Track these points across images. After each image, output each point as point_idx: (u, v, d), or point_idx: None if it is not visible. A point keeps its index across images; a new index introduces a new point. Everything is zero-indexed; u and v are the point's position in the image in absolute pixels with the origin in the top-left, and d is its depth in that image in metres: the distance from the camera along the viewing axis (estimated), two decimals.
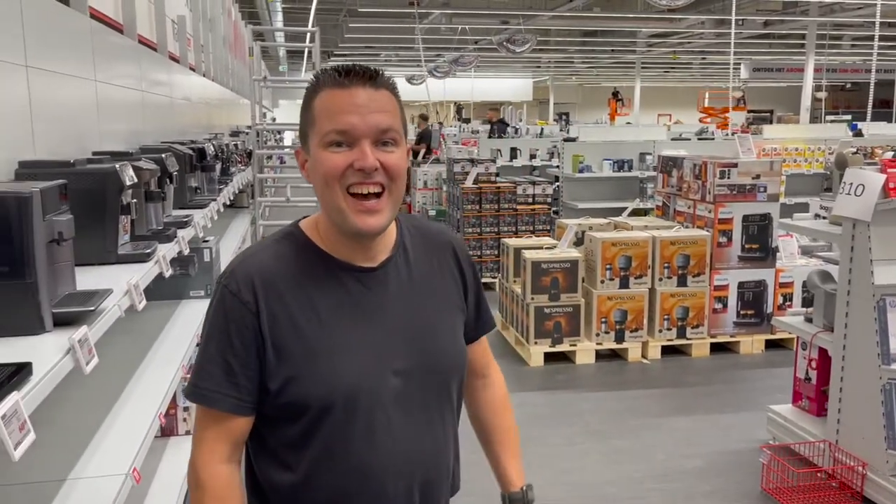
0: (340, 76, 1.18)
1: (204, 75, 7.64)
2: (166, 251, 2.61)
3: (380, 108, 1.17)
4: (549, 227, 7.70)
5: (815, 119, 17.36)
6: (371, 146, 1.16)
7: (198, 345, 1.30)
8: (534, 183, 7.98)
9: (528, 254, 5.39)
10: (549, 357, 5.38)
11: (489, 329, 1.48)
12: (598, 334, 5.41)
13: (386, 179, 1.18)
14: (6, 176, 2.22)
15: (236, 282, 1.21)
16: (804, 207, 7.83)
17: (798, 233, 5.03)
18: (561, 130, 15.30)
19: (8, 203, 1.62)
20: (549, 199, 7.87)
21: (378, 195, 1.18)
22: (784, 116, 27.19)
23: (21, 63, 2.41)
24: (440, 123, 18.31)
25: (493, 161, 8.44)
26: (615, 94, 23.90)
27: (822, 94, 18.02)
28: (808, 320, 3.88)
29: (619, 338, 5.43)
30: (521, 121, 22.11)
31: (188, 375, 3.52)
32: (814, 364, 3.84)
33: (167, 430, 3.58)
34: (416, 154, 11.41)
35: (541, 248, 5.66)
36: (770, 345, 5.66)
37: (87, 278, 2.04)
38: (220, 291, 1.23)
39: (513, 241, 6.12)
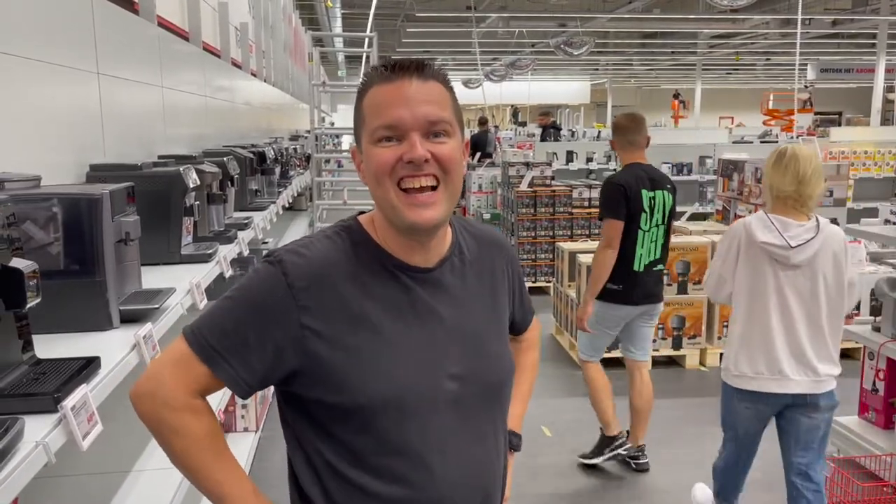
0: (388, 71, 1.14)
1: (265, 81, 7.81)
2: (227, 252, 2.68)
3: (428, 98, 1.13)
4: None
5: (886, 121, 16.73)
6: (421, 138, 1.12)
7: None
8: (590, 186, 7.90)
9: (583, 258, 5.33)
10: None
11: (533, 316, 1.51)
12: (654, 340, 5.31)
13: (439, 171, 1.13)
14: (78, 178, 2.32)
15: (290, 268, 1.14)
16: (873, 212, 7.58)
17: (866, 238, 4.85)
18: None
19: (80, 204, 1.69)
20: None
21: (433, 188, 1.13)
22: (853, 118, 26.27)
23: (93, 70, 2.51)
24: (496, 127, 18.31)
25: (549, 164, 8.40)
26: (676, 95, 23.49)
27: (894, 96, 17.36)
28: (876, 329, 3.74)
29: (677, 344, 5.33)
30: (577, 124, 21.91)
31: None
32: (881, 375, 3.70)
33: (226, 427, 3.68)
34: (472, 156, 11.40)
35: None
36: None
37: (152, 277, 2.12)
38: (274, 269, 1.15)
39: (568, 245, 6.07)
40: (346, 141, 22.71)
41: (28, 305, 1.32)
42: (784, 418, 2.82)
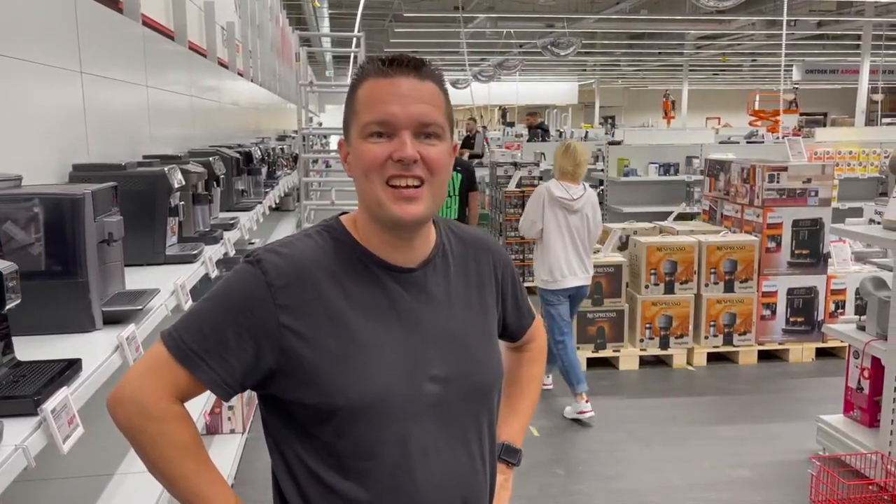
0: (384, 65, 1.13)
1: (252, 80, 7.77)
2: (212, 253, 2.66)
3: (423, 99, 1.13)
4: None
5: (870, 122, 16.86)
6: (412, 138, 1.12)
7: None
8: None
9: None
10: (591, 362, 5.33)
11: (532, 321, 1.46)
12: (642, 340, 5.34)
13: (425, 172, 1.13)
14: (61, 178, 2.29)
15: (269, 267, 1.13)
16: (858, 212, 7.64)
17: (851, 238, 4.89)
18: (606, 134, 15.15)
19: (62, 204, 1.67)
20: None
21: (417, 187, 1.13)
22: (838, 119, 26.47)
23: (76, 69, 2.49)
24: (483, 127, 18.32)
25: (537, 164, 8.41)
26: (666, 96, 23.61)
27: (879, 97, 17.51)
28: (861, 328, 3.77)
29: (664, 344, 5.35)
30: (565, 124, 21.95)
31: None
32: (866, 373, 3.72)
33: (212, 428, 3.66)
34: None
35: None
36: (821, 353, 5.51)
37: (136, 278, 2.10)
38: (253, 268, 1.13)
39: None
40: (334, 141, 22.63)
41: (8, 307, 1.30)
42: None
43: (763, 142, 11.62)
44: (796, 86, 20.11)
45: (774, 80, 23.27)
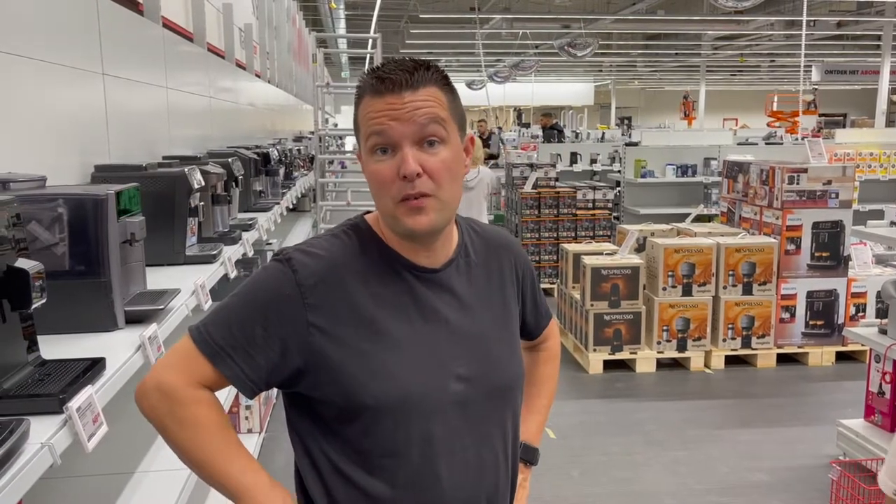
0: (378, 82, 1.13)
1: (269, 82, 7.82)
2: (231, 253, 2.67)
3: (418, 107, 1.12)
4: (609, 233, 7.61)
5: (891, 123, 16.70)
6: (413, 149, 1.12)
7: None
8: (594, 188, 7.90)
9: (587, 259, 5.32)
10: (608, 365, 5.31)
11: (549, 320, 1.48)
12: (659, 342, 5.31)
13: (430, 185, 1.12)
14: (83, 179, 2.32)
15: (299, 266, 1.15)
16: (879, 214, 7.55)
17: (872, 240, 4.83)
18: (623, 135, 15.09)
19: (85, 204, 1.69)
20: (609, 205, 7.77)
21: (426, 195, 1.13)
22: (858, 120, 26.20)
23: (98, 71, 2.51)
24: (499, 128, 18.29)
25: (553, 165, 8.39)
26: (686, 97, 23.51)
27: None
28: (883, 332, 3.72)
29: (681, 346, 5.31)
30: (581, 125, 21.89)
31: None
32: (888, 378, 3.68)
33: None
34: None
35: (601, 253, 5.59)
36: (841, 357, 5.45)
37: (157, 278, 2.11)
38: (283, 267, 1.15)
39: (572, 247, 6.05)
40: (350, 142, 22.73)
41: (33, 306, 1.31)
42: None
43: (782, 143, 11.52)
44: (815, 87, 19.94)
45: (793, 81, 23.08)
